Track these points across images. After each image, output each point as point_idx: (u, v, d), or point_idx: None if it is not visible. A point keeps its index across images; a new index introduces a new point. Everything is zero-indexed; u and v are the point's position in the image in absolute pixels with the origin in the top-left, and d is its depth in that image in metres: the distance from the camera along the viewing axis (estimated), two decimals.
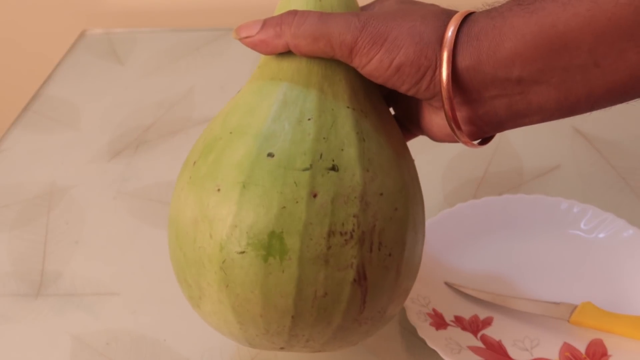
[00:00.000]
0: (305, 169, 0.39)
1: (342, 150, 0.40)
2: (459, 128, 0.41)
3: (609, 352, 0.50)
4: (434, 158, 0.68)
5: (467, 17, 0.40)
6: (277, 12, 0.44)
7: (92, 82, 0.85)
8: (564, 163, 0.68)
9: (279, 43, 0.41)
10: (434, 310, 0.53)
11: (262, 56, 0.45)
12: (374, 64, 0.40)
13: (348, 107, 0.42)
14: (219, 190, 0.40)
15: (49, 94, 0.84)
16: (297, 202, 0.39)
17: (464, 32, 0.39)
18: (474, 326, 0.52)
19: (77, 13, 1.00)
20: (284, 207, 0.39)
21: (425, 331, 0.50)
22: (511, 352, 0.51)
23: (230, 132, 0.41)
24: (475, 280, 0.56)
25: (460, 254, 0.58)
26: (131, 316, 0.57)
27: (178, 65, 0.87)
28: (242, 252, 0.39)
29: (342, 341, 0.43)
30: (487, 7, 0.40)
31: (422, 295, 0.54)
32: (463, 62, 0.39)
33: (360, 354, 0.52)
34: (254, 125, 0.41)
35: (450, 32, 0.39)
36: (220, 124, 0.43)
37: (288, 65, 0.42)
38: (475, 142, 0.43)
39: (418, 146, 0.55)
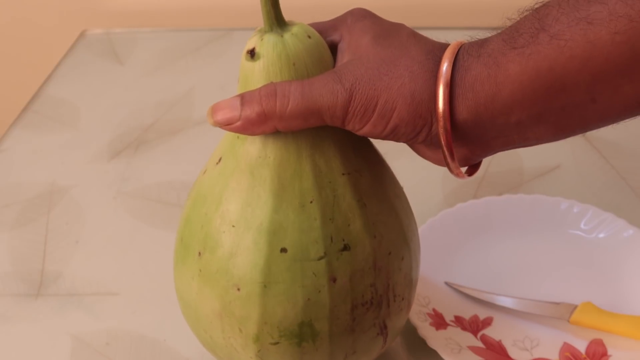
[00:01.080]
0: (321, 258, 0.40)
1: (349, 225, 0.40)
2: (458, 168, 0.40)
3: (609, 352, 0.50)
4: None
5: (456, 59, 0.38)
6: (243, 74, 0.40)
7: (92, 82, 0.85)
8: (564, 163, 0.68)
9: (266, 128, 0.39)
10: (434, 310, 0.53)
11: None
12: (368, 128, 0.38)
13: (343, 174, 0.41)
14: (238, 289, 0.40)
15: (49, 94, 0.84)
16: (319, 291, 0.40)
17: (457, 83, 0.37)
18: (474, 326, 0.52)
19: (77, 13, 1.00)
20: (309, 298, 0.40)
21: (425, 331, 0.50)
22: (511, 352, 0.51)
23: (233, 226, 0.40)
24: (475, 280, 0.56)
25: (460, 254, 0.58)
26: (131, 316, 0.57)
27: (178, 65, 0.87)
28: (276, 343, 0.41)
29: None
30: (473, 39, 0.39)
31: (422, 295, 0.54)
32: (460, 115, 0.38)
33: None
34: (256, 217, 0.40)
35: (442, 89, 0.37)
36: (217, 210, 0.41)
37: (273, 142, 0.40)
38: (464, 172, 0.42)
39: None
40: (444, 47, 0.39)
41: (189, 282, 0.42)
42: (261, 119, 0.38)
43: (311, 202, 0.40)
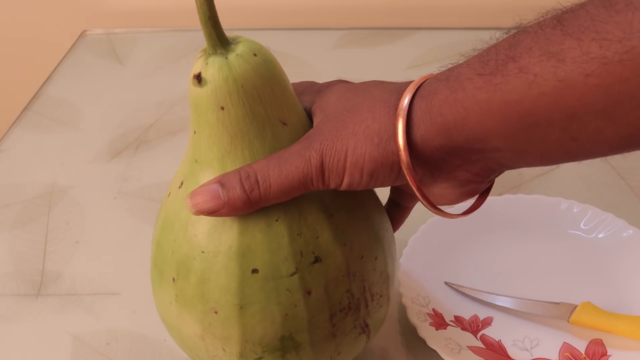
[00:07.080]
0: (293, 274, 0.39)
1: (318, 238, 0.40)
2: (431, 206, 0.39)
3: (609, 352, 0.50)
4: None
5: (421, 87, 0.37)
6: (194, 101, 0.39)
7: (92, 83, 0.85)
8: (564, 163, 0.68)
9: (251, 211, 0.39)
10: (433, 310, 0.53)
11: (196, 149, 0.40)
12: (348, 180, 0.38)
13: None
14: (216, 312, 0.40)
15: (50, 94, 0.84)
16: (295, 305, 0.40)
17: (423, 109, 0.36)
18: (473, 326, 0.52)
19: (77, 13, 1.00)
20: (286, 314, 0.40)
21: (425, 331, 0.50)
22: (511, 352, 0.51)
23: (202, 252, 0.40)
24: (475, 280, 0.56)
25: (460, 254, 0.58)
26: (131, 316, 0.57)
27: (178, 65, 0.87)
28: (260, 358, 0.41)
29: None
30: (443, 69, 0.37)
31: (422, 295, 0.54)
32: (433, 141, 0.36)
33: (360, 353, 0.52)
34: (224, 241, 0.39)
35: (401, 121, 0.36)
36: (185, 237, 0.40)
37: (232, 165, 0.39)
38: (457, 213, 0.41)
39: None
40: (410, 82, 0.38)
41: (168, 306, 0.42)
42: (247, 205, 0.38)
43: (277, 220, 0.39)
